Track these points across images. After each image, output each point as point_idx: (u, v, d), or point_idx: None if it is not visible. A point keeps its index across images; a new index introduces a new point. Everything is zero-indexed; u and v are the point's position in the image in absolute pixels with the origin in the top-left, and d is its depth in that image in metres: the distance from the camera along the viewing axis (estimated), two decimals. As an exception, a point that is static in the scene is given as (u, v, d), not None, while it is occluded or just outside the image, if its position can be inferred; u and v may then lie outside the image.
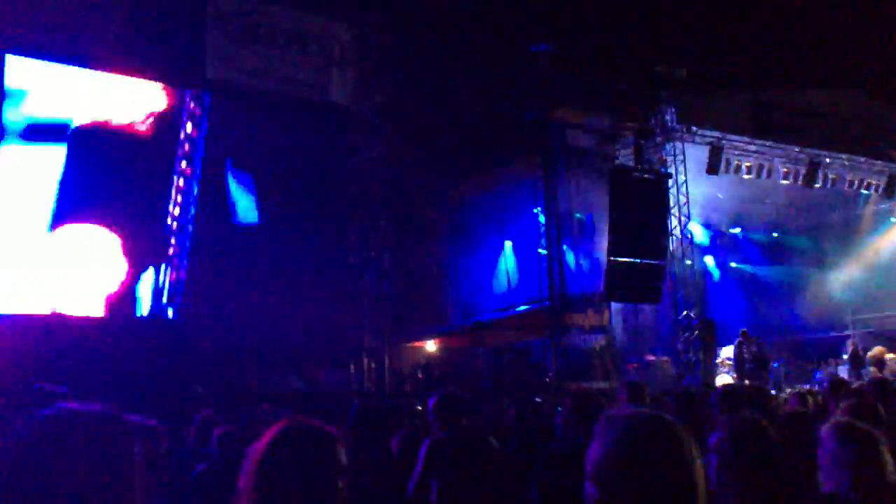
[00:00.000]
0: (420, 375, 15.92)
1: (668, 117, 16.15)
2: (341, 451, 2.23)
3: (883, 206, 19.92)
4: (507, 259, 17.86)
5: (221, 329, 12.93)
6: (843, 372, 17.49)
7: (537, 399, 11.81)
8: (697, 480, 1.69)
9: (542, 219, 16.00)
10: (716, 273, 20.45)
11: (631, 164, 15.95)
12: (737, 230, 20.48)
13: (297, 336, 13.89)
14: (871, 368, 16.98)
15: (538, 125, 15.63)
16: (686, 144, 16.32)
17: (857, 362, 17.21)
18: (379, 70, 14.99)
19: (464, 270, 18.13)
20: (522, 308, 16.58)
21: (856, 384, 13.88)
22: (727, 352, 17.46)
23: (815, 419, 4.36)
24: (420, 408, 9.74)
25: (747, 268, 21.48)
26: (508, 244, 17.83)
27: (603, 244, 15.40)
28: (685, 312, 15.77)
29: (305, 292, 13.88)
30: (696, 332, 15.76)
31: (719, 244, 20.53)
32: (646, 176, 15.68)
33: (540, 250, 16.10)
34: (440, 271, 17.73)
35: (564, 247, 15.95)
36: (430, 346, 18.13)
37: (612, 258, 15.06)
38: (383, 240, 14.87)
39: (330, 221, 15.07)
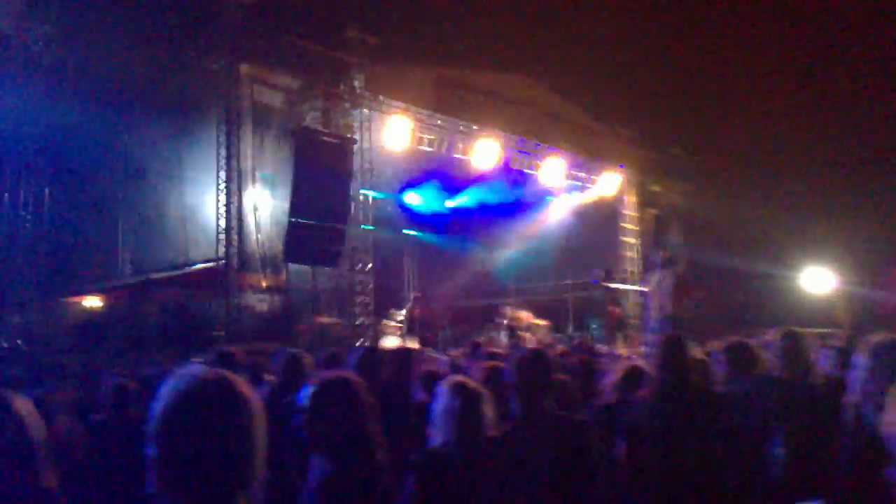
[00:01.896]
0: (79, 332, 15.03)
1: (357, 83, 16.51)
2: None
3: (544, 186, 22.07)
4: (185, 213, 17.26)
5: None
6: (501, 336, 19.28)
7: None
8: (255, 443, 1.72)
9: (223, 173, 15.68)
10: (395, 240, 21.36)
11: (318, 126, 16.18)
12: (416, 200, 21.52)
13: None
14: (527, 334, 18.92)
15: (224, 77, 15.24)
16: (373, 113, 16.86)
17: (510, 328, 19.04)
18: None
19: (137, 223, 17.25)
20: (198, 265, 16.21)
21: (493, 349, 15.42)
22: (400, 315, 18.49)
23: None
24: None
25: (423, 236, 22.75)
26: (188, 197, 17.23)
27: (284, 205, 15.51)
28: (360, 277, 16.35)
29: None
30: (370, 295, 16.46)
31: (400, 212, 21.48)
32: (331, 140, 15.98)
33: (220, 206, 15.80)
34: (111, 223, 16.72)
35: (245, 205, 15.79)
36: (95, 301, 17.11)
37: (292, 219, 15.22)
38: (40, 185, 13.71)
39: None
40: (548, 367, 3.80)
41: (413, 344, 15.84)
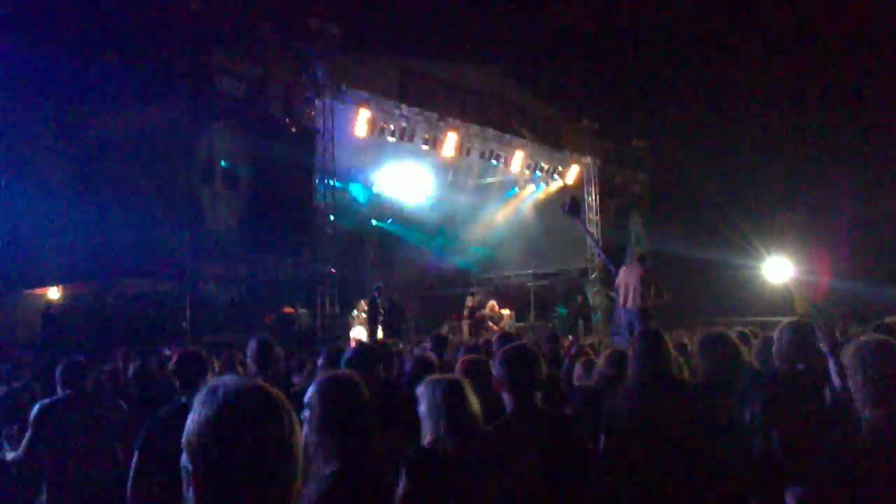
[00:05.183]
0: (41, 324, 15.02)
1: (319, 73, 16.61)
2: None
3: (510, 176, 22.40)
4: (149, 202, 17.24)
5: None
6: (465, 325, 19.56)
7: (166, 351, 11.79)
8: (295, 453, 1.73)
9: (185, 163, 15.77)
10: (358, 229, 21.47)
11: (280, 116, 16.28)
12: (381, 187, 21.67)
13: None
14: (490, 323, 19.20)
15: (186, 66, 15.30)
16: (336, 103, 16.95)
17: (475, 317, 19.31)
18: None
19: (98, 215, 17.22)
20: (159, 255, 16.25)
21: (470, 339, 15.65)
22: (364, 305, 18.61)
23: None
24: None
25: (386, 226, 22.94)
26: (151, 188, 17.22)
27: (247, 193, 15.64)
28: (324, 266, 16.51)
29: None
30: (335, 286, 16.59)
31: (370, 203, 21.66)
32: (293, 129, 16.10)
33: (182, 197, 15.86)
34: (66, 214, 16.70)
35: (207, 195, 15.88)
36: (54, 292, 17.11)
37: (254, 209, 15.39)
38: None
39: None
40: (536, 362, 3.73)
41: (379, 334, 16.06)
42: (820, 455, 2.93)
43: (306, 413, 2.95)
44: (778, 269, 24.48)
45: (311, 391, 3.06)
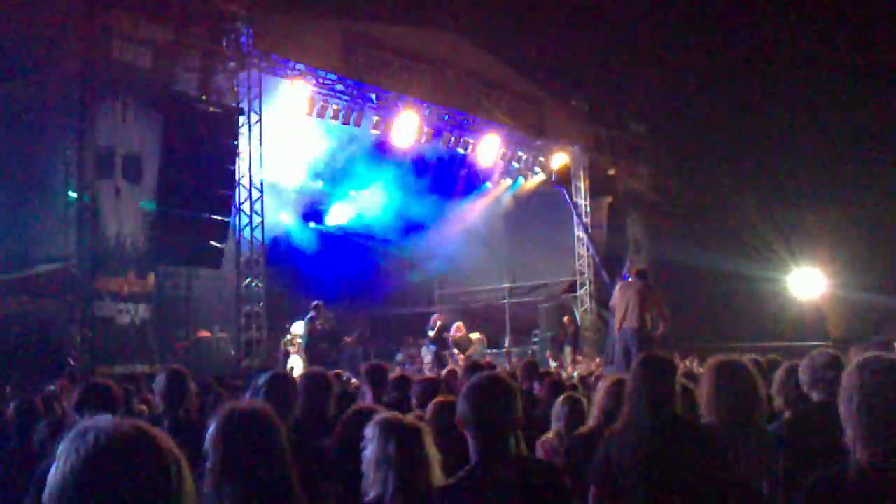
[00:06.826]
0: None
1: (243, 39, 16.42)
2: None
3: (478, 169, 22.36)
4: (29, 199, 16.99)
5: None
6: (426, 353, 19.45)
7: (51, 387, 11.53)
8: (184, 494, 1.75)
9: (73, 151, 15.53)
10: (296, 233, 21.36)
11: (194, 91, 16.07)
12: (317, 184, 21.54)
13: None
14: (455, 350, 19.10)
15: (77, 30, 15.08)
16: (264, 76, 16.75)
17: (441, 342, 19.15)
18: None
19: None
20: (41, 267, 15.96)
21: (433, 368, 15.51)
22: (298, 328, 18.40)
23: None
24: None
25: (330, 229, 22.81)
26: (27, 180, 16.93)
27: (154, 189, 15.39)
28: (249, 280, 16.32)
29: None
30: (261, 304, 16.40)
31: (300, 199, 21.51)
32: (211, 108, 15.93)
33: (70, 193, 15.60)
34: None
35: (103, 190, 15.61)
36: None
37: (161, 209, 15.13)
38: None
39: None
40: (511, 398, 3.64)
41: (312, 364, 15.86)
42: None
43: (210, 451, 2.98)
44: (807, 282, 24.66)
45: (210, 429, 3.06)
